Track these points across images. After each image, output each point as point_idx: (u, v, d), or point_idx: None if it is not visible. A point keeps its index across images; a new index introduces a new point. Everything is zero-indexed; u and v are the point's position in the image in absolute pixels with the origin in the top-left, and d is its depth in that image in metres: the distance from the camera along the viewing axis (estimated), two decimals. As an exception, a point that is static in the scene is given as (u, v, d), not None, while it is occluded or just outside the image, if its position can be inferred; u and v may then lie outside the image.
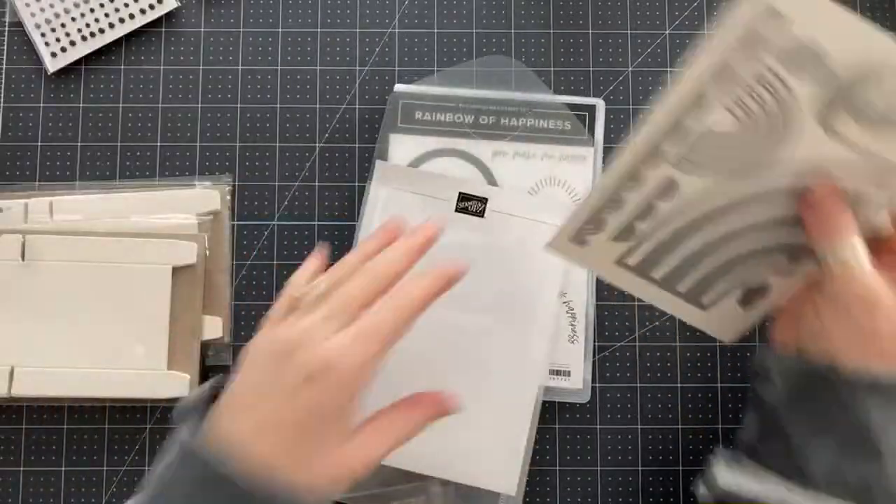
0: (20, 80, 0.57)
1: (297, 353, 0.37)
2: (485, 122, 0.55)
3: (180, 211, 0.55)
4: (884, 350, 0.38)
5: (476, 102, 0.55)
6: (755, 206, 0.41)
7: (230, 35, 0.58)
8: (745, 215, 0.41)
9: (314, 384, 0.36)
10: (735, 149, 0.39)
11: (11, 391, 0.52)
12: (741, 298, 0.45)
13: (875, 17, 0.58)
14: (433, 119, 0.55)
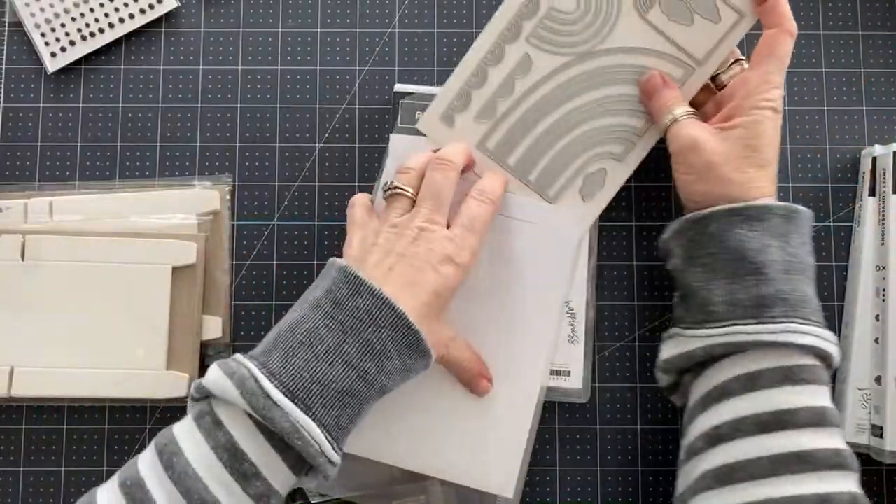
0: (20, 80, 0.57)
1: (432, 238, 0.45)
2: None
3: (180, 211, 0.55)
4: (721, 178, 0.46)
5: None
6: (593, 86, 0.51)
7: (230, 35, 0.58)
8: (584, 96, 0.51)
9: (449, 266, 0.44)
10: (575, 26, 0.50)
11: (11, 391, 0.52)
12: (582, 189, 0.52)
13: (875, 16, 0.58)
14: None
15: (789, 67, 0.57)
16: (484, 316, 0.51)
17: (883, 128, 0.57)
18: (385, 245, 0.45)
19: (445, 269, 0.44)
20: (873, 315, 0.53)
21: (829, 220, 0.56)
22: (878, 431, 0.52)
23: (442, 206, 0.46)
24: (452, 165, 0.47)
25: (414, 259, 0.44)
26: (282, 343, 0.41)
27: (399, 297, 0.42)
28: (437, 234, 0.45)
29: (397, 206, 0.47)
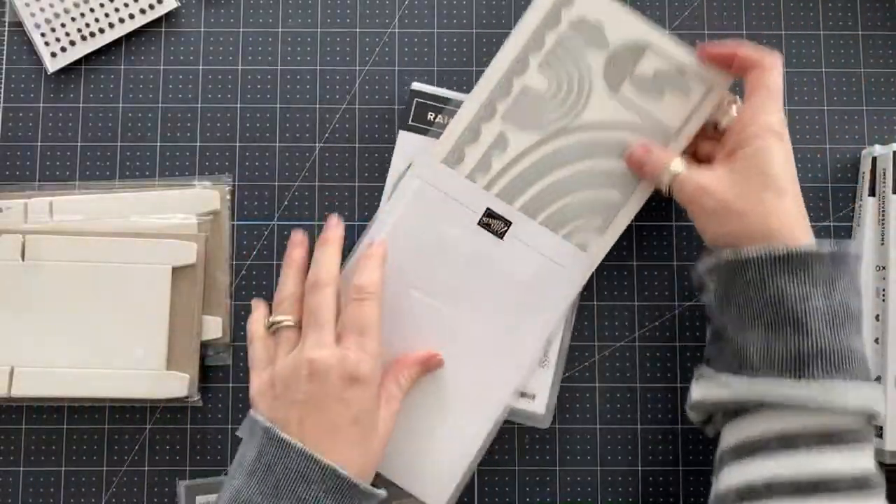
0: (20, 80, 0.57)
1: (326, 368, 0.44)
2: None
3: (180, 211, 0.55)
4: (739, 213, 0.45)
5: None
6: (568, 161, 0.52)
7: (230, 35, 0.58)
8: (560, 171, 0.52)
9: (354, 387, 0.44)
10: (549, 104, 0.51)
11: (11, 391, 0.52)
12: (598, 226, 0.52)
13: (875, 16, 0.58)
14: (444, 123, 0.54)
15: (789, 67, 0.58)
16: (470, 325, 0.51)
17: (883, 128, 0.57)
18: (285, 395, 0.44)
19: (351, 393, 0.44)
20: (873, 315, 0.53)
21: (830, 220, 0.56)
22: (879, 431, 0.52)
23: (324, 326, 0.45)
24: (324, 281, 0.47)
25: (317, 402, 0.43)
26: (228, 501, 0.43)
27: (322, 446, 0.42)
28: (328, 361, 0.44)
29: (284, 342, 0.47)
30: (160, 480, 0.54)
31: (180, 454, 0.54)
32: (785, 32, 0.58)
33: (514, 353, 0.51)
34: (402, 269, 0.51)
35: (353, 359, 0.44)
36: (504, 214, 0.51)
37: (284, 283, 0.49)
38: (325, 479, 0.42)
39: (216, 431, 0.54)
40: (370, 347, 0.45)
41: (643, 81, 0.51)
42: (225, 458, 0.54)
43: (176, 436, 0.54)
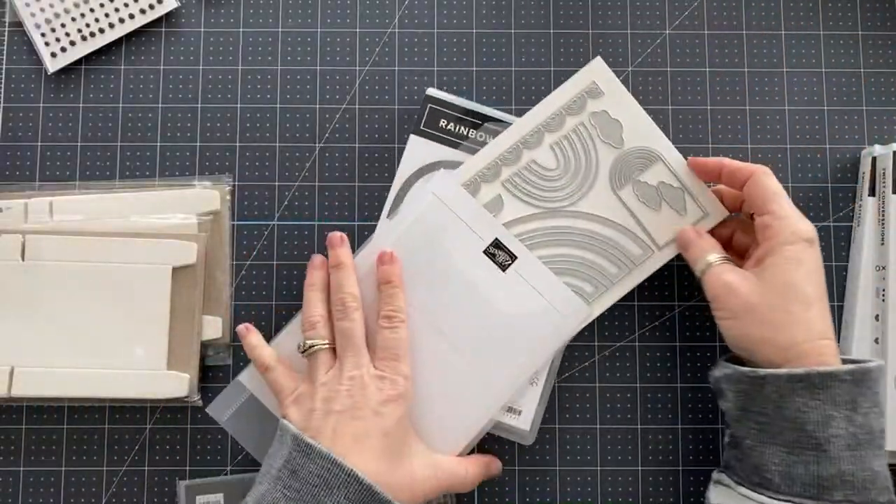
0: (20, 80, 0.57)
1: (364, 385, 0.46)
2: None
3: (180, 211, 0.55)
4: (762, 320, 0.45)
5: (503, 126, 0.53)
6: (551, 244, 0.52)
7: (230, 35, 0.58)
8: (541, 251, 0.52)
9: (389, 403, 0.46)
10: (551, 183, 0.52)
11: (11, 391, 0.52)
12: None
13: (875, 16, 0.58)
14: (455, 131, 0.54)
15: (789, 67, 0.58)
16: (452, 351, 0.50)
17: (883, 128, 0.57)
18: (323, 407, 0.46)
19: (386, 408, 0.46)
20: (873, 315, 0.53)
21: (829, 220, 0.56)
22: (878, 431, 0.52)
23: (360, 349, 0.48)
24: (352, 307, 0.49)
25: (354, 411, 0.45)
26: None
27: (349, 454, 0.44)
28: (365, 378, 0.46)
29: (321, 363, 0.48)
30: (160, 480, 0.54)
31: (180, 454, 0.54)
32: (785, 32, 0.58)
33: (486, 389, 0.50)
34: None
35: (389, 378, 0.47)
36: (511, 248, 0.51)
37: (313, 305, 0.50)
38: (347, 485, 0.42)
39: (216, 431, 0.54)
40: (403, 370, 0.47)
41: (645, 189, 0.52)
42: (225, 458, 0.54)
43: (176, 436, 0.54)
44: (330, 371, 0.47)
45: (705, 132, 0.57)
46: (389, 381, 0.47)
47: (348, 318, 0.48)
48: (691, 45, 0.58)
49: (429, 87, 0.55)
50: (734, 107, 0.57)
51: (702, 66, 0.58)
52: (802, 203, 0.57)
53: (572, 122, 0.52)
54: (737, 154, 0.57)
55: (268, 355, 0.50)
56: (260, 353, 0.50)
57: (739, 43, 0.58)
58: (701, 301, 0.56)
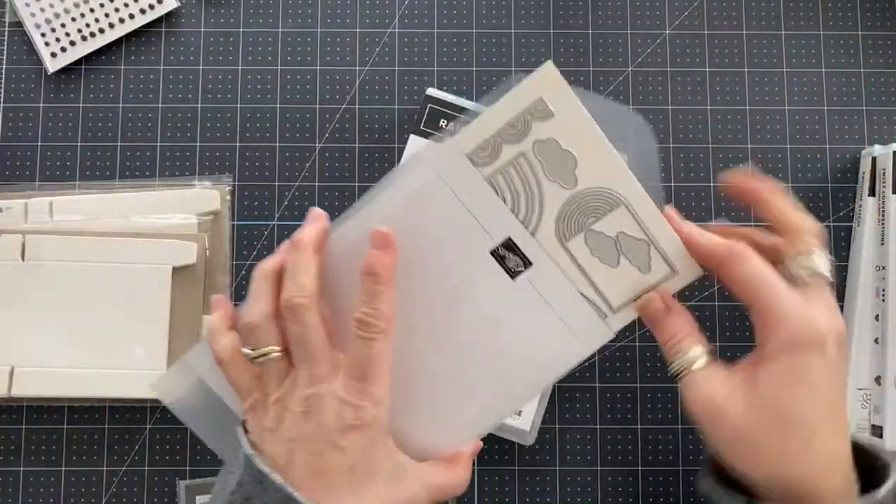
0: (20, 80, 0.57)
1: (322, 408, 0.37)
2: None
3: (180, 211, 0.55)
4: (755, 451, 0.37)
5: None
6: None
7: (230, 35, 0.58)
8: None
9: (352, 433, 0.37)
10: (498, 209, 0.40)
11: (11, 391, 0.52)
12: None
13: (875, 16, 0.58)
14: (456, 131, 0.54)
15: (789, 67, 0.58)
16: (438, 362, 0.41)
17: (883, 128, 0.57)
18: (276, 428, 0.38)
19: (348, 440, 0.37)
20: (873, 315, 0.53)
21: (829, 220, 0.56)
22: (878, 431, 0.52)
23: (317, 359, 0.38)
24: (301, 305, 0.38)
25: (310, 443, 0.37)
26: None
27: (306, 488, 0.36)
28: (325, 400, 0.37)
29: (273, 373, 0.39)
30: (160, 480, 0.54)
31: (180, 454, 0.54)
32: (785, 32, 0.58)
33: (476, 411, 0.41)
34: None
35: (351, 404, 0.37)
36: (526, 251, 0.40)
37: (255, 299, 0.39)
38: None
39: (216, 431, 0.54)
40: (375, 393, 0.38)
41: (600, 241, 0.40)
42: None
43: (176, 436, 0.54)
44: (284, 383, 0.38)
45: (705, 132, 0.57)
46: (352, 407, 0.37)
47: (299, 322, 0.38)
48: (691, 45, 0.58)
49: (429, 87, 0.55)
50: (734, 107, 0.57)
51: (702, 66, 0.58)
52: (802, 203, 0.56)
53: (510, 151, 0.39)
54: (737, 154, 0.57)
55: (225, 347, 0.40)
56: (217, 342, 0.40)
57: (739, 43, 0.58)
58: (701, 301, 0.56)
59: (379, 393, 0.38)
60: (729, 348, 0.55)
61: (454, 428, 0.42)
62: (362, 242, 0.39)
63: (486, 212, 0.40)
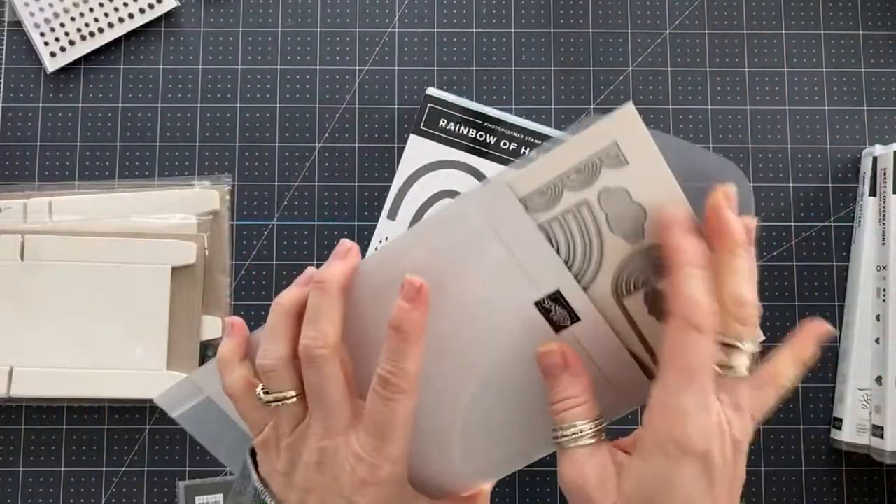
0: (20, 80, 0.57)
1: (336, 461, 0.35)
2: (506, 147, 0.54)
3: (180, 211, 0.55)
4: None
5: (503, 126, 0.54)
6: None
7: (230, 35, 0.58)
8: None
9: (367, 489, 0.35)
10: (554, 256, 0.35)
11: (11, 391, 0.52)
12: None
13: (875, 16, 0.58)
14: (455, 130, 0.54)
15: (789, 67, 0.58)
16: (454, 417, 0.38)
17: (883, 128, 0.57)
18: (286, 472, 0.36)
19: (364, 495, 0.35)
20: (873, 315, 0.53)
21: (829, 220, 0.56)
22: (879, 431, 0.52)
23: (334, 411, 0.35)
24: (321, 356, 0.35)
25: (322, 494, 0.35)
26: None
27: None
28: (340, 453, 0.35)
29: (286, 416, 0.37)
30: (160, 480, 0.54)
31: (180, 454, 0.54)
32: (785, 32, 0.58)
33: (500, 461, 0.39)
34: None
35: (367, 462, 0.35)
36: (574, 306, 0.35)
37: (272, 339, 0.37)
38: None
39: (216, 431, 0.54)
40: (392, 452, 0.35)
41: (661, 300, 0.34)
42: (225, 459, 0.54)
43: (176, 436, 0.54)
44: (297, 429, 0.36)
45: (705, 132, 0.57)
46: (368, 465, 0.35)
47: (318, 373, 0.35)
48: (691, 45, 0.58)
49: (429, 87, 0.55)
50: (734, 107, 0.57)
51: (702, 66, 0.58)
52: (802, 203, 0.57)
53: (572, 198, 0.34)
54: (737, 154, 0.57)
55: (236, 381, 0.38)
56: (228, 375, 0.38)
57: (739, 43, 0.58)
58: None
59: (396, 452, 0.35)
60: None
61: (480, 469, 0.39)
62: (392, 287, 0.35)
63: (536, 261, 0.35)
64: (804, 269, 0.56)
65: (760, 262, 0.56)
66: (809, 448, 0.55)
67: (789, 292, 0.56)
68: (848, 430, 0.53)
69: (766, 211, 0.56)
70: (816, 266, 0.56)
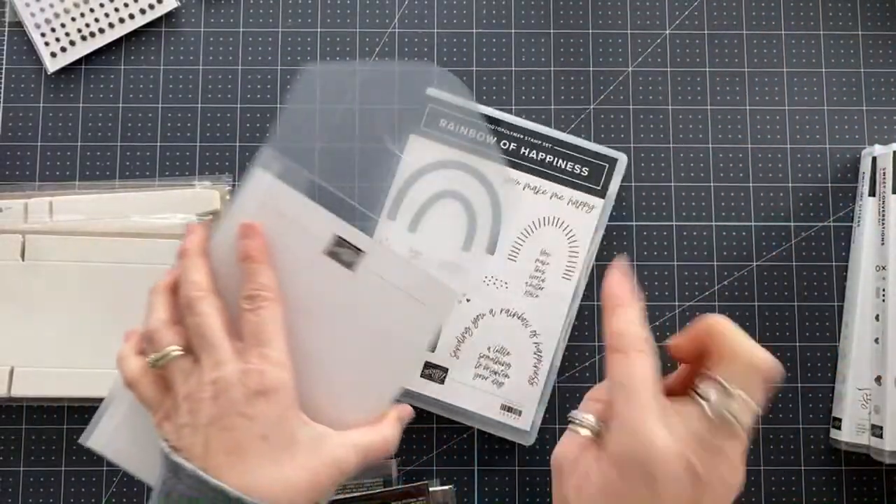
0: (20, 80, 0.57)
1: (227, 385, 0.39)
2: (505, 147, 0.54)
3: (180, 211, 0.55)
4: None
5: (503, 126, 0.54)
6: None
7: (230, 35, 0.58)
8: None
9: (258, 400, 0.39)
10: None
11: (11, 391, 0.52)
12: None
13: (875, 16, 0.58)
14: (456, 131, 0.54)
15: (789, 67, 0.58)
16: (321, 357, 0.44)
17: (883, 128, 0.57)
18: (191, 421, 0.40)
19: (256, 407, 0.39)
20: (873, 315, 0.53)
21: (829, 220, 0.56)
22: (878, 431, 0.52)
23: (216, 345, 0.40)
24: (196, 297, 0.41)
25: (222, 422, 0.39)
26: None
27: (224, 470, 0.38)
28: (228, 378, 0.39)
29: (178, 371, 0.41)
30: None
31: (180, 454, 0.54)
32: (785, 32, 0.58)
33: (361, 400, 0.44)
34: None
35: (255, 370, 0.40)
36: (356, 242, 0.44)
37: (152, 311, 0.43)
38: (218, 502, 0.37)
39: (216, 431, 0.54)
40: (274, 356, 0.40)
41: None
42: (225, 458, 0.54)
43: (176, 436, 0.54)
44: (191, 378, 0.40)
45: (705, 132, 0.57)
46: (255, 372, 0.39)
47: (195, 313, 0.41)
48: (691, 45, 0.58)
49: (429, 87, 0.55)
50: (734, 107, 0.57)
51: (702, 66, 0.58)
52: (802, 203, 0.57)
53: None
54: (737, 154, 0.57)
55: (132, 368, 0.43)
56: (126, 367, 0.43)
57: (739, 43, 0.58)
58: (701, 301, 0.56)
59: (277, 355, 0.40)
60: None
61: (362, 403, 0.44)
62: (233, 245, 0.43)
63: (310, 220, 0.44)
64: (804, 269, 0.56)
65: (760, 262, 0.56)
66: (809, 448, 0.55)
67: (789, 292, 0.56)
68: (847, 430, 0.53)
69: (766, 211, 0.57)
70: (816, 266, 0.56)
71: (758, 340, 0.55)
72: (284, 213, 0.44)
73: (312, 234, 0.44)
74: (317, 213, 0.44)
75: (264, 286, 0.42)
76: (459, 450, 0.54)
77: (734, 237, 0.56)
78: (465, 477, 0.54)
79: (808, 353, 0.55)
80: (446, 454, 0.54)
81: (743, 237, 0.56)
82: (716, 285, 0.56)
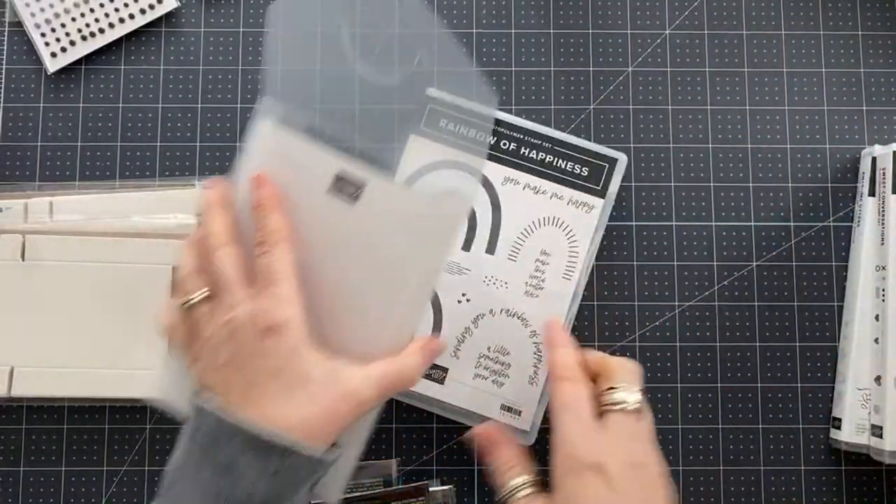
0: (20, 80, 0.57)
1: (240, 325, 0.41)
2: (505, 147, 0.54)
3: (180, 211, 0.55)
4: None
5: (503, 126, 0.54)
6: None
7: (230, 35, 0.58)
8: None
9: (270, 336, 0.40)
10: None
11: (11, 391, 0.52)
12: None
13: (875, 16, 0.58)
14: (456, 131, 0.54)
15: (789, 67, 0.58)
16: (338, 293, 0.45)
17: (883, 128, 0.57)
18: (212, 361, 0.41)
19: (268, 343, 0.40)
20: (873, 315, 0.53)
21: (829, 220, 0.57)
22: (878, 431, 0.52)
23: (230, 287, 0.41)
24: (214, 244, 0.43)
25: (237, 361, 0.40)
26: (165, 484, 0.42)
27: (243, 405, 0.40)
28: (242, 317, 0.41)
29: (201, 315, 0.42)
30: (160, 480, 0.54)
31: (180, 454, 0.54)
32: (785, 32, 0.58)
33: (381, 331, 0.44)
34: None
35: (265, 307, 0.41)
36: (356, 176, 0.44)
37: (183, 262, 0.44)
38: (235, 438, 0.39)
39: (216, 431, 0.54)
40: (282, 293, 0.41)
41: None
42: (225, 458, 0.54)
43: (176, 436, 0.54)
44: (211, 322, 0.42)
45: (705, 132, 0.57)
46: (266, 311, 0.40)
47: (213, 261, 0.42)
48: (691, 45, 0.58)
49: (429, 87, 0.55)
50: (734, 107, 0.58)
51: (702, 66, 0.58)
52: (802, 203, 0.57)
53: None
54: (737, 154, 0.57)
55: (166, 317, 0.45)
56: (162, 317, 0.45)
57: (739, 43, 0.58)
58: (701, 301, 0.56)
59: (286, 293, 0.41)
60: (729, 348, 0.55)
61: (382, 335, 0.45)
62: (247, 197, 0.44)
63: (314, 162, 0.44)
64: (803, 269, 0.56)
65: (760, 262, 0.56)
66: (809, 448, 0.55)
67: (788, 292, 0.56)
68: (847, 430, 0.53)
69: (766, 211, 0.57)
70: (816, 266, 0.56)
71: (758, 340, 0.55)
72: (290, 156, 0.45)
73: (316, 173, 0.44)
74: (320, 155, 0.44)
75: (272, 231, 0.43)
76: (459, 450, 0.54)
77: (734, 237, 0.56)
78: (465, 477, 0.54)
79: (808, 353, 0.55)
80: (446, 454, 0.54)
81: (743, 237, 0.56)
82: (716, 285, 0.56)
